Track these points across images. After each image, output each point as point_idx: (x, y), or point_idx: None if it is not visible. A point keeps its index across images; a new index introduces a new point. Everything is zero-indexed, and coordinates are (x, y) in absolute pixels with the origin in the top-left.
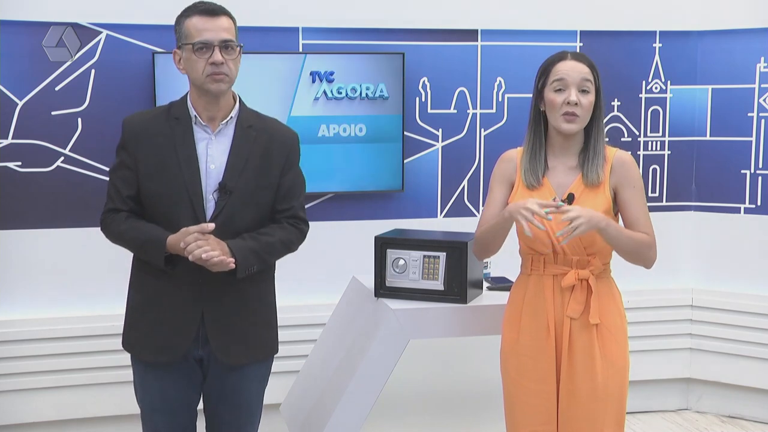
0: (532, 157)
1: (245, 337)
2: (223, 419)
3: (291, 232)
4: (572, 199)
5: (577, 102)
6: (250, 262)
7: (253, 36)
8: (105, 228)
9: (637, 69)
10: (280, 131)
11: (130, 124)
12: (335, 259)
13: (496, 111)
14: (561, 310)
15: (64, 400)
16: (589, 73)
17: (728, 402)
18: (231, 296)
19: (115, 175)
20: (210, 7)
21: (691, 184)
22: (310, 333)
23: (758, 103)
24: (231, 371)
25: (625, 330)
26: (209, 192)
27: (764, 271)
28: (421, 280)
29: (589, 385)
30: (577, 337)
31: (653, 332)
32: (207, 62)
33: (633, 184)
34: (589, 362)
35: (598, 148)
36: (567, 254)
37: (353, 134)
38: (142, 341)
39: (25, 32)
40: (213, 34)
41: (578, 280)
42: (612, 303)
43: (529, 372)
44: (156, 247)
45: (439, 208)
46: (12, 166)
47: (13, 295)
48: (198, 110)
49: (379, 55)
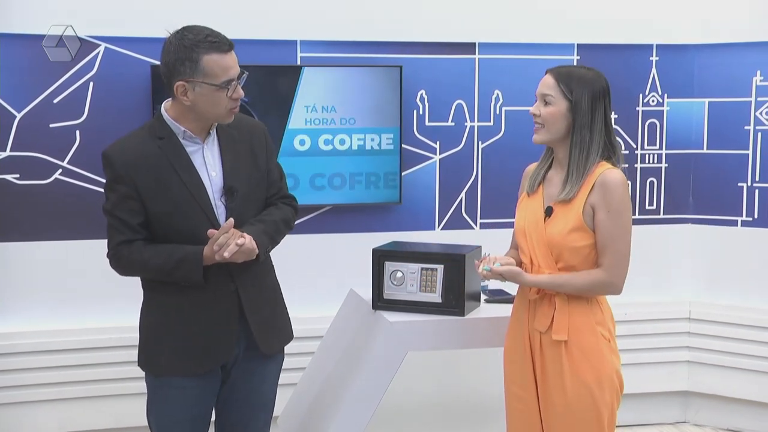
0: (538, 167)
1: (276, 323)
2: (239, 423)
3: (287, 210)
4: (550, 212)
5: (536, 113)
6: (266, 242)
7: (252, 48)
8: (120, 261)
9: (634, 82)
10: (251, 124)
11: (117, 154)
12: (333, 272)
13: (493, 123)
14: (533, 322)
15: (64, 413)
16: (553, 86)
17: (726, 415)
18: (258, 286)
19: (117, 210)
20: (223, 40)
21: (688, 197)
22: (308, 345)
23: (755, 117)
24: (252, 372)
25: (601, 352)
26: (217, 198)
27: (762, 284)
28: (418, 293)
29: (561, 400)
30: (547, 351)
31: (651, 345)
32: (229, 98)
33: (608, 207)
34: (558, 378)
35: (574, 164)
36: (541, 267)
37: (351, 147)
38: (175, 359)
39: (23, 45)
40: (235, 70)
41: (545, 295)
42: (586, 322)
43: (516, 379)
44: (194, 263)
45: (436, 220)
46: (10, 178)
47: (11, 308)
48: (188, 126)
49: (377, 68)
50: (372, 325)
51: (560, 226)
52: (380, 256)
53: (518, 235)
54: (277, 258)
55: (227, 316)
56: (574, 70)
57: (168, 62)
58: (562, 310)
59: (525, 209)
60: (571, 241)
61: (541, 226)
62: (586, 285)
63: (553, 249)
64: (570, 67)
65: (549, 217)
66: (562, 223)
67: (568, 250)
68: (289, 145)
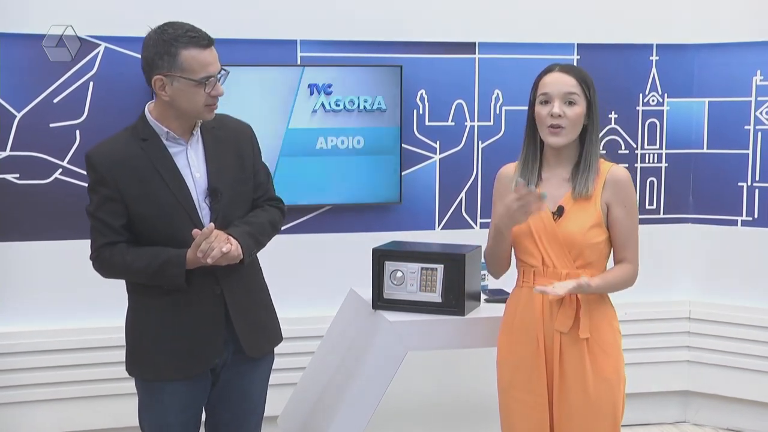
0: (524, 169)
1: (264, 325)
2: (231, 425)
3: (274, 212)
4: (562, 212)
5: (560, 114)
6: (251, 245)
7: (252, 48)
8: (103, 263)
9: (634, 82)
10: (238, 125)
11: (100, 156)
12: (333, 272)
13: (493, 123)
14: (551, 324)
15: (63, 413)
16: (575, 85)
17: (726, 414)
18: (244, 288)
19: (100, 212)
20: (202, 35)
21: (688, 196)
22: (308, 345)
23: (755, 116)
24: (242, 374)
25: (618, 346)
26: (201, 200)
27: (762, 284)
28: (418, 293)
29: (581, 399)
30: (568, 352)
31: (651, 345)
32: (208, 94)
33: (625, 203)
34: (580, 377)
35: (589, 161)
36: (557, 267)
37: (351, 146)
38: (163, 363)
39: (23, 45)
40: (215, 67)
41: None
42: (603, 318)
43: (522, 384)
44: (177, 266)
45: (436, 220)
46: (10, 178)
47: (11, 308)
48: (170, 126)
49: (377, 67)
50: (372, 324)
51: (579, 224)
52: (380, 256)
53: (523, 238)
54: (277, 258)
55: (213, 319)
56: (577, 67)
57: (147, 56)
58: (584, 309)
59: None
60: (591, 237)
61: (552, 226)
62: (623, 280)
63: (572, 248)
64: (572, 65)
65: (559, 217)
66: (580, 221)
67: (589, 247)
68: (289, 145)
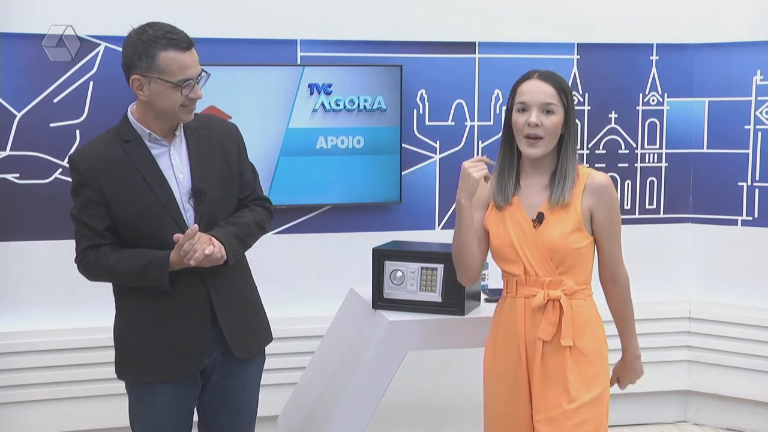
0: (501, 177)
1: (251, 326)
2: (223, 426)
3: (261, 212)
4: (542, 219)
5: (538, 123)
6: (236, 246)
7: (251, 48)
8: (88, 265)
9: (634, 81)
10: (222, 124)
11: (82, 160)
12: (333, 271)
13: (493, 123)
14: (533, 333)
15: (62, 413)
16: (554, 95)
17: (726, 414)
18: (231, 289)
19: (83, 215)
20: (182, 37)
21: (688, 196)
22: (308, 345)
23: (755, 116)
24: (232, 375)
25: (603, 355)
26: (185, 201)
27: (762, 283)
28: (418, 292)
29: (563, 409)
30: (550, 360)
31: (651, 344)
32: (185, 96)
33: (608, 208)
34: (563, 386)
35: (565, 170)
36: (539, 276)
37: (351, 146)
38: (151, 365)
39: (23, 45)
40: (194, 70)
41: (549, 301)
42: (587, 326)
43: (504, 397)
44: (160, 268)
45: (436, 220)
46: (10, 177)
47: (11, 307)
48: (152, 128)
49: (377, 67)
50: (372, 324)
51: (558, 230)
52: (380, 256)
53: (504, 249)
54: (277, 258)
55: (199, 320)
56: (555, 74)
57: (126, 56)
58: (566, 315)
59: (504, 222)
60: (572, 242)
61: (533, 234)
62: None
63: (554, 254)
64: (550, 72)
65: (540, 224)
66: (560, 227)
67: (571, 252)
68: (289, 145)
